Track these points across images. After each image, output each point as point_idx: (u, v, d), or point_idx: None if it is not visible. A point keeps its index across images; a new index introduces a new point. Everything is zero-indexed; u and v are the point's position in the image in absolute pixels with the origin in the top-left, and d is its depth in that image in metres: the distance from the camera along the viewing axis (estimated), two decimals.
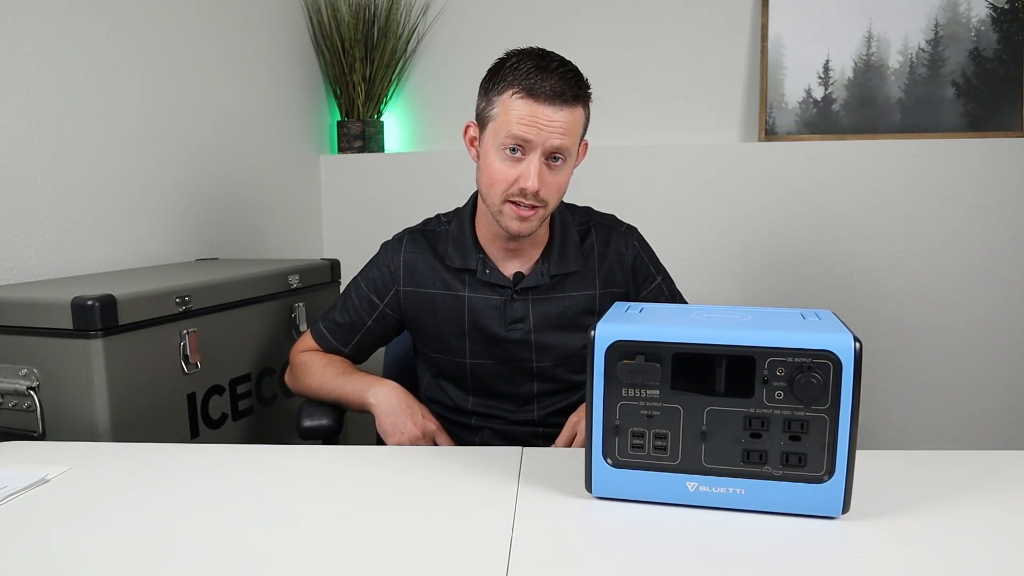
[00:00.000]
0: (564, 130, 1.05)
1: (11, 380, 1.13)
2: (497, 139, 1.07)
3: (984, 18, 2.01)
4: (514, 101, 1.05)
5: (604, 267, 1.23)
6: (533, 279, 1.18)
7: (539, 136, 1.05)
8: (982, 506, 0.75)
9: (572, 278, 1.21)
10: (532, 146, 1.05)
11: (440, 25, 2.31)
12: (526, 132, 1.04)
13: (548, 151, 1.06)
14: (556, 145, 1.06)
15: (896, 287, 2.07)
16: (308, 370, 1.27)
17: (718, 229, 2.13)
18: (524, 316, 1.19)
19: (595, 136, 2.21)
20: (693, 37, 2.18)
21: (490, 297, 1.20)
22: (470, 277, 1.20)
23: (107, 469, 0.89)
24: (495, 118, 1.08)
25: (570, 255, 1.20)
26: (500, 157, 1.08)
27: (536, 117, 1.04)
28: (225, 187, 1.86)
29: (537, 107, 1.04)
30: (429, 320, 1.23)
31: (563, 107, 1.05)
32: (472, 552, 0.66)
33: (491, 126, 1.09)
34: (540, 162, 1.06)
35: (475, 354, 1.22)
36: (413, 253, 1.24)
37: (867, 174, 2.04)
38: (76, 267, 1.41)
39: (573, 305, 1.20)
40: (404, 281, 1.23)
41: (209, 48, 1.79)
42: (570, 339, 1.20)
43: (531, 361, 1.21)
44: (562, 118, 1.05)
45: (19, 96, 1.29)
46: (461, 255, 1.20)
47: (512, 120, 1.05)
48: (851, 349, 0.68)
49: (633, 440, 0.75)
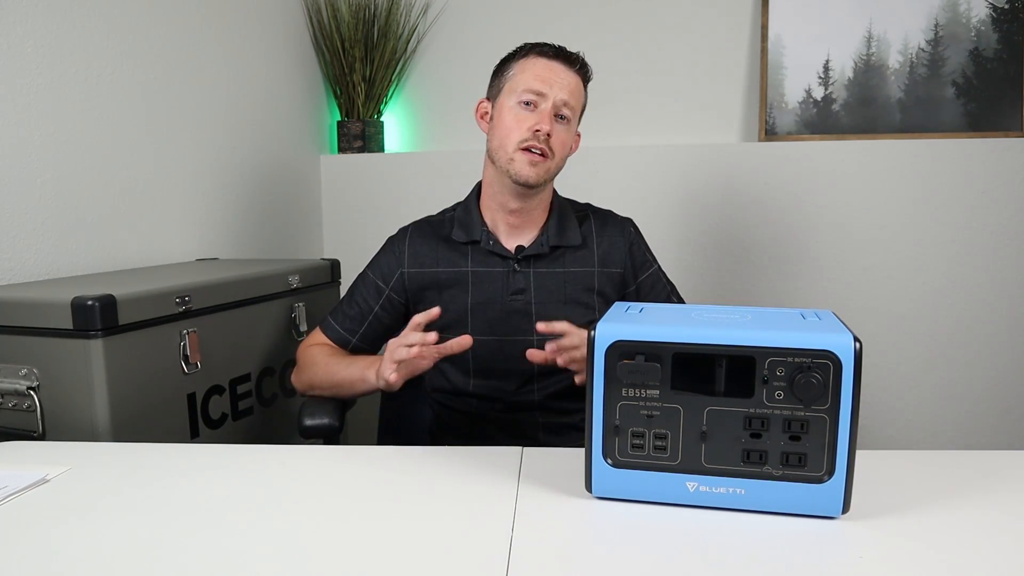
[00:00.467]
0: (571, 89, 1.21)
1: (11, 380, 1.13)
2: (513, 96, 1.21)
3: (984, 18, 2.01)
4: (529, 61, 1.21)
5: (602, 248, 1.29)
6: (534, 248, 1.25)
7: (551, 89, 1.19)
8: (982, 506, 0.75)
9: (572, 253, 1.27)
10: (545, 99, 1.19)
11: (440, 25, 2.31)
12: (541, 85, 1.19)
13: (558, 104, 1.19)
14: (564, 99, 1.19)
15: (896, 287, 2.07)
16: (313, 364, 1.28)
17: (718, 229, 2.13)
18: (525, 287, 1.25)
19: (595, 136, 2.23)
20: (693, 37, 2.18)
21: (493, 269, 1.25)
22: (474, 249, 1.26)
23: (107, 469, 0.89)
24: (511, 79, 1.22)
25: (569, 229, 1.28)
26: (516, 110, 1.20)
27: (551, 72, 1.20)
28: (225, 187, 1.86)
29: (550, 63, 1.20)
30: (433, 298, 1.26)
31: (571, 69, 1.21)
32: (472, 552, 0.66)
33: (507, 87, 1.22)
34: (552, 113, 1.19)
35: (477, 329, 1.23)
36: (417, 238, 1.30)
37: (867, 174, 2.04)
38: (76, 267, 1.41)
39: (572, 280, 1.26)
40: (408, 264, 1.28)
41: (209, 48, 1.79)
42: (569, 313, 1.22)
43: (531, 334, 1.23)
44: (570, 79, 1.21)
45: (19, 96, 1.29)
46: (466, 230, 1.27)
47: (529, 76, 1.20)
48: (851, 349, 0.68)
49: (633, 440, 0.75)
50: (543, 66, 1.20)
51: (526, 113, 1.19)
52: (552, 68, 1.20)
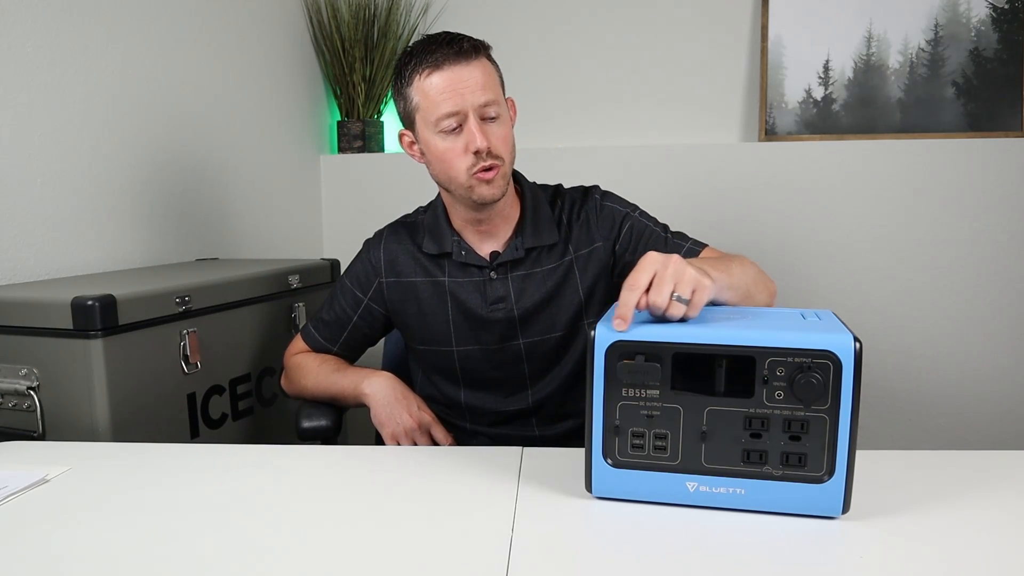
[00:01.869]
0: (482, 84, 1.07)
1: (11, 380, 1.13)
2: (431, 127, 1.09)
3: (984, 18, 2.01)
4: (425, 82, 1.07)
5: (573, 232, 1.21)
6: (508, 254, 1.18)
7: (464, 101, 1.06)
8: (982, 506, 0.75)
9: (547, 251, 1.20)
10: (463, 114, 1.07)
11: (440, 25, 2.31)
12: (451, 104, 1.06)
13: (478, 110, 1.07)
14: (482, 101, 1.07)
15: (896, 287, 2.07)
16: (302, 371, 1.27)
17: (718, 229, 2.13)
18: (505, 295, 1.19)
19: (596, 136, 2.23)
20: (693, 37, 2.18)
21: (469, 280, 1.20)
22: (448, 261, 1.20)
23: (107, 469, 0.90)
24: (418, 108, 1.09)
25: (543, 227, 1.19)
26: (441, 139, 1.09)
27: (452, 84, 1.05)
28: (225, 187, 1.86)
29: (447, 74, 1.05)
30: (413, 310, 1.23)
31: (468, 62, 1.06)
32: (472, 552, 0.66)
33: (419, 117, 1.10)
34: (478, 122, 1.07)
35: (461, 341, 1.21)
36: (393, 244, 1.25)
37: (867, 174, 2.04)
38: (76, 267, 1.41)
39: (552, 277, 1.19)
40: (386, 273, 1.24)
41: (209, 48, 1.79)
42: (553, 312, 1.20)
43: (517, 339, 1.20)
44: (474, 74, 1.06)
45: (19, 96, 1.29)
46: (437, 241, 1.20)
47: (434, 100, 1.06)
48: (851, 349, 0.68)
49: (633, 440, 0.75)
50: (441, 81, 1.05)
51: (454, 139, 1.08)
52: (451, 77, 1.05)
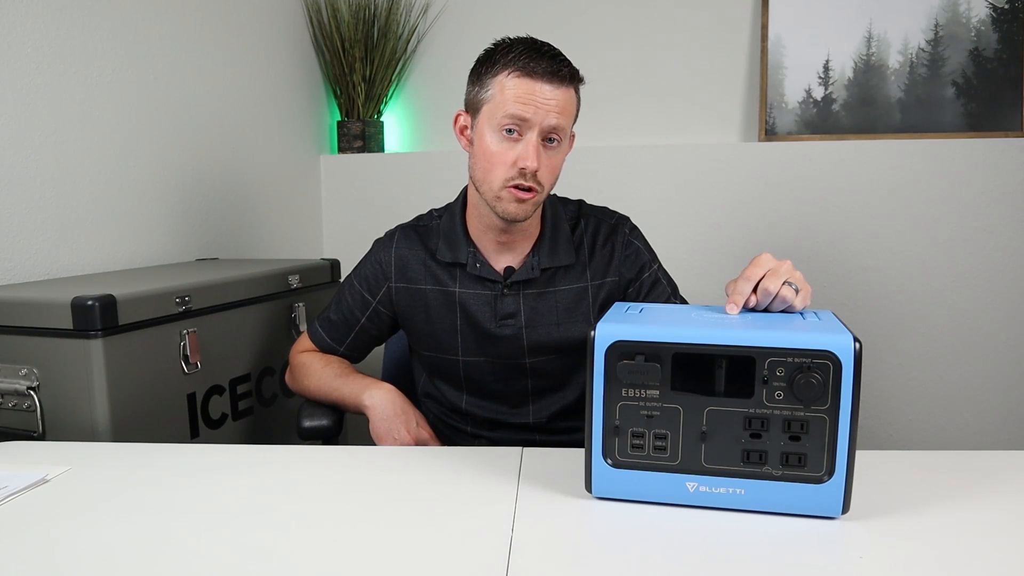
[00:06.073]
0: (560, 109, 1.05)
1: (11, 380, 1.13)
2: (493, 121, 1.06)
3: (984, 18, 2.01)
4: (510, 80, 1.05)
5: (594, 258, 1.20)
6: (523, 272, 1.16)
7: (536, 115, 1.04)
8: (982, 506, 0.75)
9: (563, 272, 1.18)
10: (529, 125, 1.04)
11: (440, 25, 2.31)
12: (523, 110, 1.03)
13: (545, 130, 1.05)
14: (553, 124, 1.05)
15: (896, 287, 2.07)
16: (306, 371, 1.27)
17: (718, 229, 2.13)
18: (515, 312, 1.17)
19: (596, 136, 2.23)
20: (693, 37, 2.18)
21: (480, 292, 1.18)
22: (460, 272, 1.19)
23: (107, 469, 0.89)
24: (490, 100, 1.07)
25: (561, 248, 1.18)
26: (497, 139, 1.06)
27: (533, 95, 1.03)
28: (225, 187, 1.86)
29: (534, 84, 1.04)
30: (421, 317, 1.22)
31: (559, 86, 1.05)
32: (472, 552, 0.66)
33: (486, 109, 1.08)
34: (538, 141, 1.05)
35: (467, 351, 1.21)
36: (404, 249, 1.23)
37: (867, 174, 2.04)
38: (76, 267, 1.41)
39: (564, 299, 1.18)
40: (396, 277, 1.23)
41: (209, 48, 1.79)
42: (562, 334, 1.18)
43: (523, 357, 1.19)
44: (558, 97, 1.05)
45: (19, 96, 1.29)
46: (452, 249, 1.18)
47: (509, 99, 1.04)
48: (851, 349, 0.68)
49: (633, 440, 0.75)
50: (526, 88, 1.03)
51: (509, 143, 1.06)
52: (536, 89, 1.03)
